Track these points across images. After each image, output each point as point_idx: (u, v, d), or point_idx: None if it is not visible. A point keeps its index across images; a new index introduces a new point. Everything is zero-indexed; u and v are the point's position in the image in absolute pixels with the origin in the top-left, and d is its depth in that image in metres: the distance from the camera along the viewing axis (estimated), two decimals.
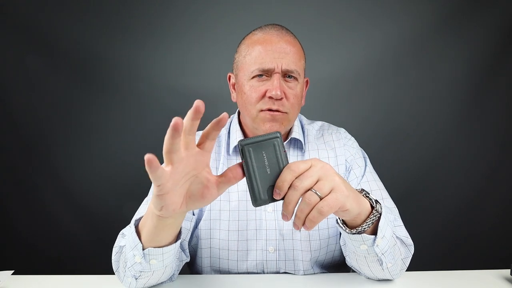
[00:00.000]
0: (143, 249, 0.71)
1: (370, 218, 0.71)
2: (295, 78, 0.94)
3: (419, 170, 1.83)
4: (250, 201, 0.97)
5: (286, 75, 0.93)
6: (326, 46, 1.81)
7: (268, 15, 1.71)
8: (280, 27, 0.97)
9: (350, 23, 1.81)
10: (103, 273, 0.93)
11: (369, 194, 0.73)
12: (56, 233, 1.82)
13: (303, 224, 0.59)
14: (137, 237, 0.72)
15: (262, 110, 0.92)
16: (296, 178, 0.59)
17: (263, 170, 0.59)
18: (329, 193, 0.59)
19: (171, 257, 0.76)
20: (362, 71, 1.82)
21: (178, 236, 0.74)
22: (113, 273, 0.84)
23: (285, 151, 0.60)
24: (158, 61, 1.82)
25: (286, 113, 0.93)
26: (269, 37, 0.93)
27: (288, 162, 0.60)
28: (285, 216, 0.59)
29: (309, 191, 0.58)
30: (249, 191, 0.59)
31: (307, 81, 1.05)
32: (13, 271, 0.89)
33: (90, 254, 1.79)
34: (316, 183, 0.59)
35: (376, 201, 0.73)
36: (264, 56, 0.91)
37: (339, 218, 0.74)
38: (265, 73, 0.92)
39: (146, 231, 0.70)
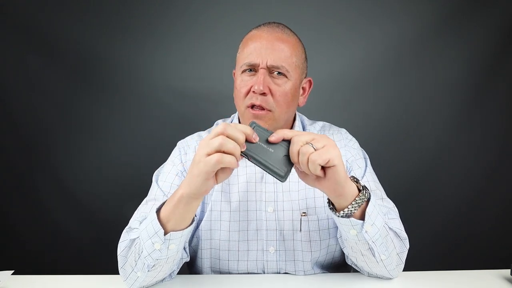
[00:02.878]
0: (165, 235, 0.76)
1: (356, 200, 0.76)
2: (284, 75, 0.92)
3: (419, 170, 1.83)
4: (251, 202, 0.97)
5: (274, 71, 0.92)
6: (326, 46, 1.81)
7: (268, 15, 1.70)
8: (276, 24, 0.97)
9: (350, 23, 1.81)
10: (103, 273, 0.93)
11: (358, 180, 0.79)
12: (56, 233, 1.82)
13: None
14: (158, 224, 0.76)
15: (247, 107, 0.93)
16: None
17: (268, 152, 0.70)
18: (322, 147, 0.69)
19: (183, 241, 0.81)
20: (362, 71, 1.82)
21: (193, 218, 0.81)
22: (113, 273, 0.84)
23: (268, 129, 0.73)
24: (158, 61, 1.82)
25: (270, 110, 0.92)
26: (259, 33, 0.94)
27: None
28: (297, 168, 0.73)
29: (306, 144, 0.70)
30: (272, 175, 0.69)
31: (309, 81, 1.03)
32: (13, 271, 0.89)
33: (90, 254, 1.79)
34: (312, 140, 0.70)
35: (364, 187, 0.78)
36: (252, 51, 0.92)
37: (330, 203, 0.78)
38: (252, 68, 0.93)
39: (176, 217, 0.76)
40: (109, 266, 0.86)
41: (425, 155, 1.83)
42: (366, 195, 0.77)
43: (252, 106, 0.92)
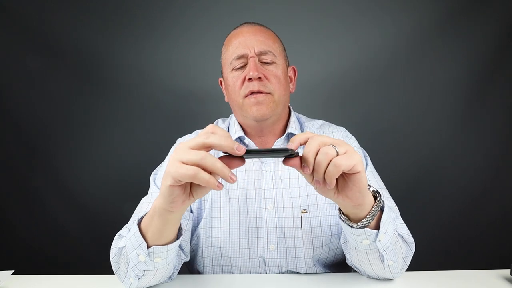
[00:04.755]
0: (148, 247, 0.73)
1: (373, 209, 0.72)
2: (273, 62, 0.97)
3: (419, 170, 1.83)
4: (250, 199, 0.97)
5: (263, 61, 0.97)
6: (325, 46, 1.81)
7: (266, 15, 1.71)
8: (252, 22, 1.03)
9: (349, 23, 1.81)
10: (103, 273, 0.93)
11: (370, 185, 0.75)
12: (56, 233, 1.82)
13: (324, 181, 0.63)
14: (141, 236, 0.73)
15: (245, 96, 0.95)
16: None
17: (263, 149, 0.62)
18: (344, 152, 0.62)
19: (173, 254, 0.78)
20: (361, 71, 1.82)
21: (179, 233, 0.77)
22: (113, 273, 0.84)
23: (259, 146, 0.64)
24: (158, 61, 1.82)
25: (269, 93, 0.95)
26: (239, 30, 1.01)
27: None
28: (306, 167, 0.62)
29: (328, 145, 0.62)
30: (280, 155, 0.61)
31: (293, 68, 1.08)
32: (13, 271, 0.89)
33: (90, 254, 1.79)
34: (333, 143, 0.63)
35: (378, 192, 0.74)
36: (237, 45, 0.97)
37: (342, 214, 0.75)
38: (242, 61, 0.96)
39: (152, 230, 0.72)
40: (109, 266, 0.86)
41: (425, 155, 1.83)
42: (381, 203, 0.74)
43: (250, 94, 0.95)
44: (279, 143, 1.01)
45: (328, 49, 1.82)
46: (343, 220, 0.75)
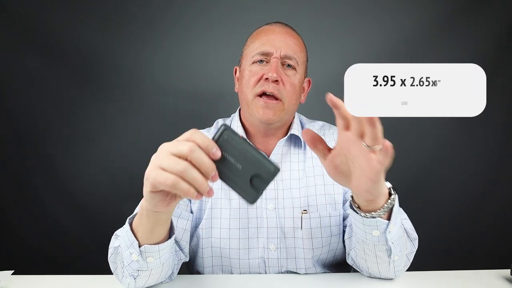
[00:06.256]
0: (139, 246, 0.73)
1: (389, 201, 0.71)
2: (294, 68, 0.97)
3: (418, 170, 1.83)
4: None
5: (285, 64, 0.96)
6: (325, 47, 1.81)
7: (267, 15, 1.71)
8: (286, 24, 1.03)
9: (349, 23, 1.81)
10: (103, 273, 0.93)
11: (386, 180, 0.73)
12: (56, 233, 1.82)
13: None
14: (132, 235, 0.73)
15: (257, 95, 0.95)
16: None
17: (235, 169, 0.58)
18: None
19: (167, 254, 0.77)
20: None
21: (170, 232, 0.76)
22: (113, 273, 0.84)
23: (241, 137, 0.58)
24: (159, 61, 1.82)
25: (280, 100, 0.94)
26: (272, 28, 1.00)
27: (250, 143, 0.60)
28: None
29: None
30: (238, 195, 0.59)
31: (309, 80, 1.07)
32: (13, 271, 0.89)
33: (90, 254, 1.78)
34: None
35: (393, 188, 0.74)
36: (265, 42, 0.97)
37: (353, 202, 0.73)
38: (265, 58, 0.96)
39: (142, 229, 0.71)
40: (109, 266, 0.86)
41: (425, 155, 1.83)
42: (396, 196, 0.73)
43: (262, 95, 0.94)
44: (281, 144, 1.01)
45: (328, 50, 1.81)
46: (354, 210, 0.74)
